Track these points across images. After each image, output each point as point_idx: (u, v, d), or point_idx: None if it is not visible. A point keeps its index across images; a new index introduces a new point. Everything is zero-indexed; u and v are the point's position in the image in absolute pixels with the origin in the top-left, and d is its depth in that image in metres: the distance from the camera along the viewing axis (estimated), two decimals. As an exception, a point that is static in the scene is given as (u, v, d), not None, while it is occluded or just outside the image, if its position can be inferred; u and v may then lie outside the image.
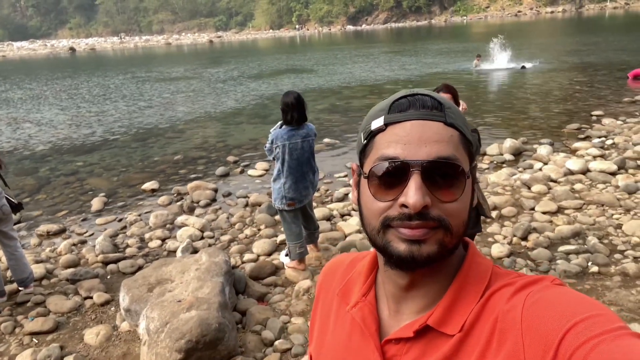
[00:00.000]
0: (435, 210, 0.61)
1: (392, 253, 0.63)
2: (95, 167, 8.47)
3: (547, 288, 0.60)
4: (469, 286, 0.66)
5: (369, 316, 0.72)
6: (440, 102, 0.65)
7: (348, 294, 0.78)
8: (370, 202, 0.65)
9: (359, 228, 5.00)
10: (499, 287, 0.64)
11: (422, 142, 0.62)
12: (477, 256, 0.70)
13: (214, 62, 32.53)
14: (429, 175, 0.61)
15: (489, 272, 0.67)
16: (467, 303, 0.64)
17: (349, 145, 8.75)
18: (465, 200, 0.64)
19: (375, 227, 0.65)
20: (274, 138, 3.85)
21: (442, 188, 0.62)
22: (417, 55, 26.36)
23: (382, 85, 15.93)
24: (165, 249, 4.96)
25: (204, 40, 75.65)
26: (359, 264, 0.81)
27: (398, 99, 0.67)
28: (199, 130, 10.95)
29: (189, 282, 3.39)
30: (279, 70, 23.84)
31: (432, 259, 0.62)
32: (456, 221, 0.63)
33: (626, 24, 41.75)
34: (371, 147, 0.67)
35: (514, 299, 0.60)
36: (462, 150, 0.65)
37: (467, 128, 0.67)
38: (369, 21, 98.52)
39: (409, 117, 0.64)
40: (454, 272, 0.68)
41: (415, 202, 0.60)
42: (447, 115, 0.65)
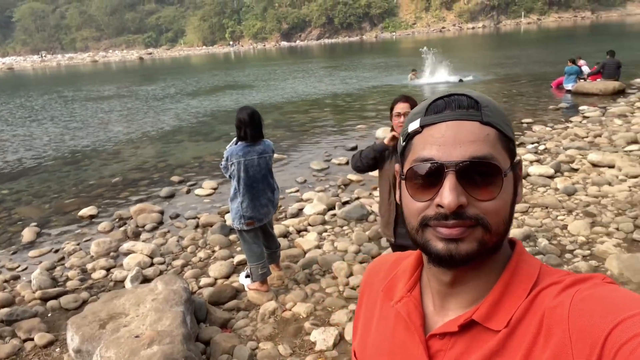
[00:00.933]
0: (472, 209, 0.62)
1: (431, 251, 0.65)
2: (23, 195, 7.79)
3: (596, 286, 0.60)
4: (516, 283, 0.66)
5: (414, 311, 0.73)
6: (477, 101, 0.66)
7: (392, 290, 0.79)
8: (409, 202, 0.67)
9: (318, 243, 4.92)
10: (548, 285, 0.63)
11: (457, 142, 0.63)
12: (525, 254, 0.70)
13: (147, 79, 31.44)
14: (465, 175, 0.62)
15: (537, 270, 0.67)
16: (514, 299, 0.64)
17: (297, 160, 8.69)
18: (505, 198, 0.65)
19: (414, 226, 0.66)
20: (229, 155, 3.70)
21: (479, 187, 0.63)
22: (353, 69, 26.95)
23: (323, 100, 16.07)
24: (111, 280, 4.59)
25: (134, 57, 73.14)
26: (404, 262, 0.82)
27: (435, 101, 0.68)
28: (137, 151, 10.44)
29: (146, 315, 3.13)
30: (217, 86, 23.43)
31: (471, 257, 0.63)
32: (495, 219, 0.63)
33: (540, 38, 45.26)
34: (409, 149, 0.69)
35: (562, 296, 0.60)
36: (500, 148, 0.65)
37: (507, 125, 0.67)
38: (303, 37, 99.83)
39: (445, 118, 0.65)
40: (500, 270, 0.68)
41: (449, 202, 0.61)
42: (484, 113, 0.65)
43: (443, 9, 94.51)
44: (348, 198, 6.22)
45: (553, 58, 22.95)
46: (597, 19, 78.25)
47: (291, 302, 3.74)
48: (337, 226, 5.39)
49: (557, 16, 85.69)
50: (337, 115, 13.03)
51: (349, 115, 12.72)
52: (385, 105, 14.03)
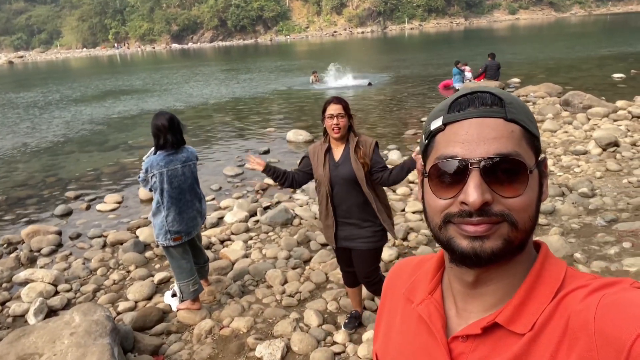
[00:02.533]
0: (497, 206, 0.61)
1: (455, 249, 0.64)
2: None
3: (624, 290, 0.58)
4: (542, 286, 0.65)
5: (435, 313, 0.72)
6: (501, 98, 0.65)
7: (414, 292, 0.78)
8: (432, 200, 0.66)
9: (245, 252, 4.72)
10: (574, 289, 0.62)
11: (481, 139, 0.62)
12: (550, 257, 0.69)
13: (21, 85, 28.17)
14: (489, 172, 0.61)
15: (563, 273, 0.66)
16: (539, 302, 0.63)
17: (208, 166, 8.32)
18: (531, 194, 0.64)
19: (437, 223, 0.66)
20: (149, 166, 3.37)
21: (504, 184, 0.62)
22: (252, 72, 26.65)
23: (225, 104, 15.63)
24: (8, 315, 3.94)
25: (2, 61, 65.15)
26: (426, 265, 0.81)
27: (458, 98, 0.67)
28: (19, 165, 9.25)
29: (66, 352, 2.72)
30: (105, 91, 21.69)
31: (497, 255, 0.62)
32: (521, 215, 0.62)
33: (423, 42, 48.69)
34: (432, 147, 0.68)
35: (588, 300, 0.59)
36: (525, 144, 0.64)
37: (532, 122, 0.67)
38: (195, 39, 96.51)
39: (468, 115, 0.64)
40: (525, 272, 0.67)
41: (474, 199, 0.60)
42: (508, 110, 0.64)
43: (334, 13, 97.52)
44: (269, 203, 6.07)
45: (437, 60, 24.81)
46: (470, 25, 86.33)
47: (228, 318, 3.51)
48: (262, 232, 5.22)
49: (435, 22, 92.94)
50: (243, 119, 12.74)
51: (255, 119, 12.51)
52: (290, 107, 14.07)
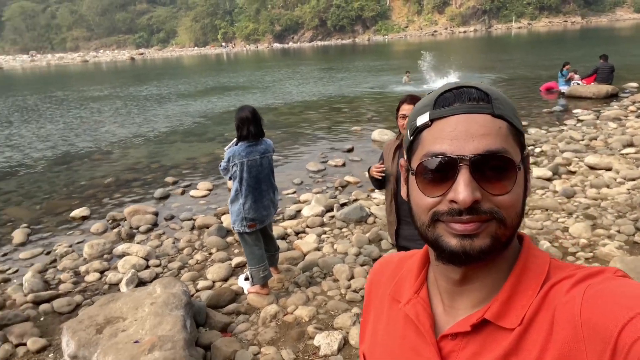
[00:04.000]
0: (486, 204, 0.60)
1: (443, 248, 0.63)
2: (13, 195, 7.63)
3: (608, 280, 0.59)
4: (527, 279, 0.64)
5: (423, 312, 0.71)
6: (487, 94, 0.64)
7: (399, 292, 0.77)
8: (419, 198, 0.65)
9: (317, 245, 4.85)
10: (559, 280, 0.62)
11: (469, 136, 0.61)
12: (534, 249, 0.68)
13: (138, 80, 31.17)
14: (478, 169, 0.60)
15: (547, 265, 0.65)
16: (526, 296, 0.63)
17: (293, 161, 8.61)
18: (518, 191, 0.63)
19: (425, 222, 0.64)
20: (231, 156, 3.61)
21: (493, 181, 0.61)
22: (347, 72, 26.93)
23: (317, 101, 16.01)
24: (105, 282, 4.48)
25: (125, 58, 72.49)
26: (409, 262, 0.80)
27: (443, 93, 0.65)
28: (130, 151, 10.29)
29: (145, 319, 3.04)
30: (210, 87, 23.27)
31: (486, 253, 0.61)
32: (510, 213, 0.62)
33: (531, 42, 45.65)
34: (418, 143, 0.66)
35: (573, 291, 0.59)
36: (512, 141, 0.63)
37: (517, 118, 0.66)
38: (295, 39, 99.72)
39: (455, 111, 0.63)
40: (510, 266, 0.66)
41: (464, 197, 0.59)
42: (495, 106, 0.63)
43: (435, 12, 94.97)
44: (346, 200, 6.16)
45: (544, 62, 23.14)
46: (587, 24, 79.10)
47: (293, 306, 3.65)
48: (336, 228, 5.32)
49: (547, 21, 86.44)
50: (332, 117, 12.97)
51: (343, 117, 12.67)
52: (380, 107, 14.02)
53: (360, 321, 0.87)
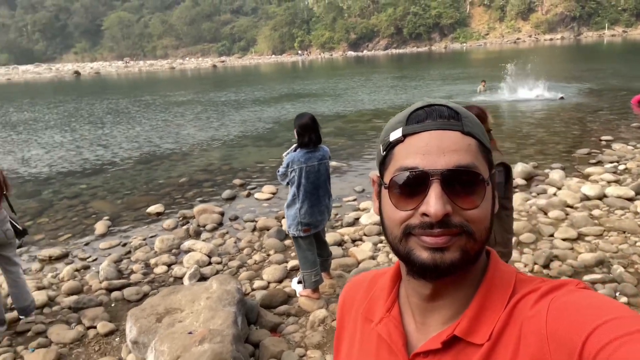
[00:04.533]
0: (456, 218, 0.62)
1: (415, 261, 0.64)
2: (99, 190, 8.35)
3: (571, 292, 0.60)
4: (494, 294, 0.66)
5: (395, 331, 0.72)
6: (457, 112, 0.67)
7: (372, 311, 0.78)
8: (391, 212, 0.66)
9: (372, 254, 4.84)
10: (525, 294, 0.64)
11: (441, 151, 0.63)
12: (500, 264, 0.70)
13: (217, 86, 32.79)
14: (449, 183, 0.62)
15: (513, 279, 0.67)
16: (494, 311, 0.64)
17: (356, 168, 8.64)
18: (487, 206, 0.65)
19: (397, 235, 0.65)
20: (290, 161, 3.72)
21: (463, 196, 0.63)
22: (420, 80, 26.54)
23: (386, 109, 15.93)
24: (171, 275, 4.78)
25: (208, 65, 76.54)
26: (381, 280, 0.80)
27: (415, 110, 0.68)
28: (204, 153, 10.87)
29: (200, 312, 3.21)
30: (282, 94, 23.96)
31: (456, 266, 0.63)
32: (478, 227, 0.64)
33: (625, 51, 42.25)
34: (390, 158, 0.68)
35: (538, 305, 0.61)
36: (481, 158, 0.66)
37: (485, 136, 0.68)
38: (370, 47, 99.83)
39: (427, 127, 0.65)
40: (478, 281, 0.68)
41: (436, 210, 0.60)
42: (465, 124, 0.66)
43: (519, 19, 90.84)
44: (407, 210, 6.07)
45: (636, 73, 21.31)
46: (694, 31, 71.74)
47: (342, 312, 3.68)
48: (393, 238, 5.27)
49: (646, 27, 79.51)
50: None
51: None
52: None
53: (334, 343, 0.88)
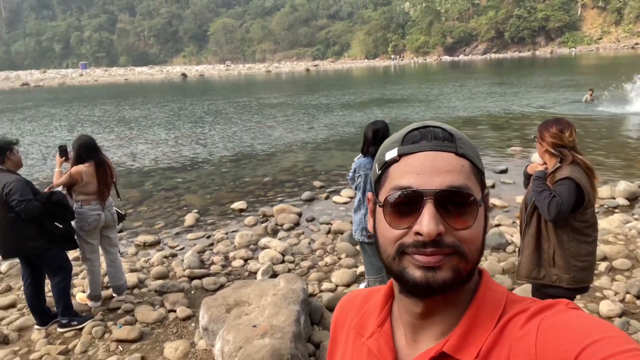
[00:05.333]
0: (449, 238, 0.63)
1: (407, 279, 0.65)
2: (192, 185, 8.99)
3: (560, 312, 0.61)
4: (485, 313, 0.66)
5: (385, 346, 0.73)
6: (452, 134, 0.68)
7: (364, 326, 0.79)
8: (385, 230, 0.67)
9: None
10: (515, 314, 0.65)
11: (435, 172, 0.65)
12: (492, 283, 0.70)
13: (309, 89, 33.64)
14: (442, 203, 0.64)
15: (504, 299, 0.68)
16: (483, 330, 0.65)
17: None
18: (479, 227, 0.66)
19: (390, 254, 0.66)
20: (357, 167, 3.76)
21: (455, 216, 0.64)
22: (521, 87, 25.09)
23: (478, 117, 15.30)
24: (246, 270, 5.04)
25: (301, 69, 78.84)
26: (374, 297, 0.81)
27: (410, 131, 0.69)
28: (289, 155, 11.24)
29: (266, 307, 3.36)
30: (372, 99, 23.98)
31: (448, 286, 0.64)
32: (470, 247, 0.65)
33: None
34: (386, 177, 0.69)
35: (528, 325, 0.61)
36: (474, 179, 0.67)
37: (479, 158, 0.70)
38: (467, 52, 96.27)
39: (422, 148, 0.67)
40: (469, 300, 0.69)
41: (429, 230, 0.62)
42: (458, 146, 0.67)
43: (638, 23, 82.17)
44: (487, 224, 5.81)
45: None
46: None
47: (405, 323, 3.63)
48: (469, 252, 5.07)
49: None
50: (491, 134, 12.29)
51: (504, 136, 11.89)
52: (549, 127, 12.74)
53: (327, 357, 0.90)
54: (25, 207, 3.54)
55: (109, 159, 4.37)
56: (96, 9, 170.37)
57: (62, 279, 3.88)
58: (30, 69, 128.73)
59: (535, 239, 2.71)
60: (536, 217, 2.70)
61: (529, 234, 2.73)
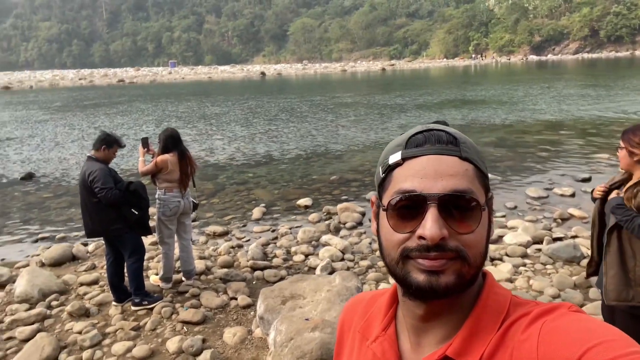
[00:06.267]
0: (452, 242, 0.63)
1: (411, 283, 0.65)
2: (262, 180, 9.31)
3: (562, 316, 0.61)
4: (488, 316, 0.66)
5: (389, 350, 0.73)
6: (455, 137, 0.68)
7: (369, 329, 0.79)
8: (389, 234, 0.67)
9: (510, 276, 4.51)
10: (517, 318, 0.64)
11: (438, 175, 0.65)
12: (495, 286, 0.70)
13: (383, 89, 33.40)
14: (446, 207, 0.63)
15: (508, 302, 0.68)
16: (486, 333, 0.65)
17: (512, 183, 8.03)
18: (482, 232, 0.66)
19: (394, 258, 0.66)
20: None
21: (459, 220, 0.64)
22: (620, 89, 23.15)
23: (563, 122, 14.35)
24: (306, 265, 5.15)
25: (377, 68, 78.33)
26: (379, 300, 0.82)
27: (414, 134, 0.69)
28: (358, 154, 11.26)
29: (319, 302, 3.43)
30: (448, 99, 23.32)
31: (451, 290, 0.64)
32: (474, 252, 0.64)
33: None
34: (389, 181, 0.69)
35: (530, 329, 0.61)
36: (478, 183, 0.67)
37: (483, 162, 0.70)
38: (557, 51, 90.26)
39: (425, 152, 0.67)
40: (472, 303, 0.68)
41: (432, 234, 0.61)
42: (462, 149, 0.67)
43: None
44: (562, 234, 5.47)
45: None
46: None
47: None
48: (539, 262, 4.81)
49: None
50: (576, 140, 11.47)
51: (590, 143, 11.06)
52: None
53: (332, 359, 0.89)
54: (105, 194, 3.91)
55: (189, 152, 4.70)
56: (185, 11, 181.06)
57: (136, 261, 4.23)
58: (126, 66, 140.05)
59: (618, 257, 2.47)
60: (616, 233, 2.49)
61: (611, 253, 2.49)
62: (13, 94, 43.49)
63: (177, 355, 3.52)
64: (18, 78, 78.56)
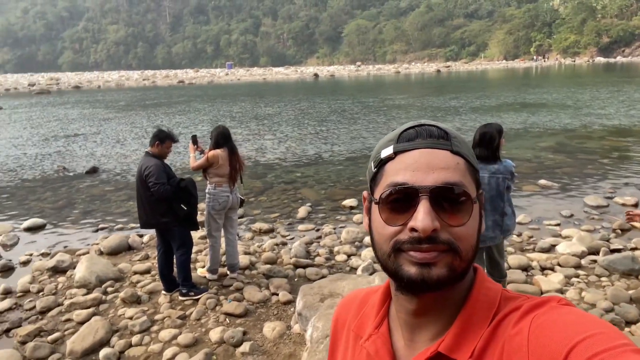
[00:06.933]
0: (444, 234, 0.63)
1: (403, 276, 0.65)
2: (309, 179, 9.42)
3: (552, 309, 0.61)
4: (479, 311, 0.67)
5: (382, 348, 0.73)
6: (447, 132, 0.69)
7: (362, 327, 0.79)
8: (381, 227, 0.67)
9: (561, 287, 4.31)
10: (508, 312, 0.65)
11: (430, 168, 0.65)
12: (486, 281, 0.70)
13: (438, 91, 32.71)
14: (437, 200, 0.64)
15: (498, 297, 0.68)
16: (477, 328, 0.65)
17: (569, 190, 7.64)
18: (473, 225, 0.66)
19: (386, 251, 0.66)
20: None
21: (450, 213, 0.64)
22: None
23: (631, 128, 13.48)
24: (348, 265, 5.17)
25: (432, 70, 76.77)
26: (372, 297, 0.81)
27: (406, 129, 0.70)
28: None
29: (357, 302, 3.44)
30: (506, 102, 22.48)
31: (442, 282, 0.64)
32: (465, 245, 0.65)
33: None
34: (381, 175, 0.70)
35: (521, 323, 0.62)
36: (469, 177, 0.68)
37: (473, 156, 0.71)
38: (627, 53, 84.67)
39: (417, 145, 0.67)
40: (464, 297, 0.69)
41: (424, 226, 0.62)
42: (453, 144, 0.68)
43: None
44: (621, 246, 5.16)
45: None
46: None
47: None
48: (593, 274, 4.57)
49: None
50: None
51: (660, 149, 10.31)
52: None
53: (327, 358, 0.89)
54: (157, 189, 4.12)
55: (237, 150, 4.86)
56: (243, 14, 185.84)
57: (183, 253, 4.41)
58: (186, 68, 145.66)
59: None
60: None
61: None
62: (82, 93, 46.43)
63: (219, 345, 3.65)
64: (87, 78, 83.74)
